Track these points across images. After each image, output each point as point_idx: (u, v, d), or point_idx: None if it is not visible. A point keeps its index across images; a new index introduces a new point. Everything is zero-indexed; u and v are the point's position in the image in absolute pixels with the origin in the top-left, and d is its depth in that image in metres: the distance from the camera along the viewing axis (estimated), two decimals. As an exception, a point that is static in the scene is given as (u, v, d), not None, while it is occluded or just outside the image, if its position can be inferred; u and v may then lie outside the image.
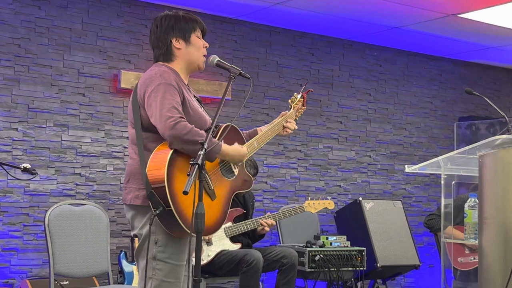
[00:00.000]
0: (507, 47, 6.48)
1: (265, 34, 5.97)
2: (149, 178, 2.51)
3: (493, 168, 3.08)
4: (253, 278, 4.26)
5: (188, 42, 2.73)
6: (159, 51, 2.73)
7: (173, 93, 2.57)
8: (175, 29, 2.71)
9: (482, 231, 3.08)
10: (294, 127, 3.04)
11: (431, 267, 6.51)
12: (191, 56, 2.74)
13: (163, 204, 2.47)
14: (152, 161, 2.54)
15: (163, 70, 2.65)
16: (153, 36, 2.75)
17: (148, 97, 2.58)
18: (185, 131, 2.49)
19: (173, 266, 2.58)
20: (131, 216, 2.67)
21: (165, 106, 2.52)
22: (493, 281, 3.01)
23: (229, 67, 2.76)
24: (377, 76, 6.61)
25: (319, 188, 6.18)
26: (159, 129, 2.54)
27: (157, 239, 2.57)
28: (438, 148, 6.82)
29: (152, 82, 2.60)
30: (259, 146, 2.90)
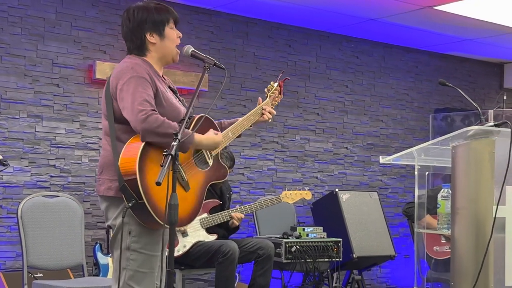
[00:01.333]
0: (482, 40, 6.55)
1: (242, 25, 5.95)
2: (121, 171, 2.51)
3: (465, 159, 3.11)
4: (228, 268, 4.27)
5: (162, 36, 2.71)
6: (133, 44, 2.71)
7: (144, 86, 2.56)
8: (148, 22, 2.68)
9: (455, 221, 3.12)
10: (273, 112, 3.03)
11: (407, 257, 6.57)
12: (165, 49, 2.72)
13: (136, 197, 2.47)
14: (124, 154, 2.54)
15: (135, 63, 2.63)
16: (126, 29, 2.72)
17: (120, 90, 2.57)
18: (157, 123, 2.49)
19: (147, 256, 2.59)
20: (105, 207, 2.67)
21: (137, 99, 2.52)
22: (465, 271, 3.05)
23: (203, 57, 2.75)
24: (354, 68, 6.64)
25: (296, 179, 6.20)
26: (131, 122, 2.53)
27: (130, 230, 2.57)
28: (414, 140, 6.88)
29: (124, 75, 2.59)
30: (233, 136, 2.90)
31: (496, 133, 3.09)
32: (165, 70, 2.70)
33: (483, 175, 3.06)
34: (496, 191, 3.01)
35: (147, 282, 2.59)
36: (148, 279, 2.60)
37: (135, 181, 2.46)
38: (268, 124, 6.07)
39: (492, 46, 6.81)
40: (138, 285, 2.57)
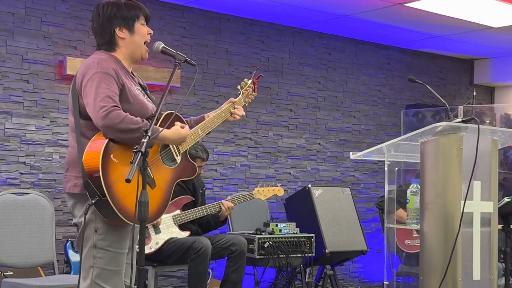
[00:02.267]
0: (453, 36, 6.63)
1: (215, 21, 5.94)
2: (85, 168, 2.50)
3: (434, 155, 3.15)
4: (201, 265, 4.27)
5: (132, 31, 2.70)
6: (102, 40, 2.70)
7: (108, 82, 2.54)
8: (118, 17, 2.67)
9: (424, 216, 3.16)
10: (242, 114, 3.03)
11: (379, 252, 6.64)
12: (135, 45, 2.71)
13: (99, 194, 2.45)
14: (88, 151, 2.53)
15: (101, 58, 2.62)
16: (95, 24, 2.71)
17: (85, 86, 2.56)
18: (118, 119, 2.47)
19: (114, 254, 2.57)
20: (71, 205, 2.65)
21: (99, 96, 2.50)
22: (434, 265, 3.10)
23: (174, 53, 2.74)
24: (327, 64, 6.67)
25: (269, 175, 6.22)
26: (93, 119, 2.52)
27: (97, 227, 2.55)
28: (386, 136, 6.94)
29: (89, 71, 2.57)
30: (203, 133, 2.89)
31: (463, 129, 3.14)
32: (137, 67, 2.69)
33: (451, 170, 3.10)
34: (463, 186, 3.06)
35: (115, 280, 2.58)
36: (116, 277, 2.59)
37: (98, 178, 2.45)
38: (241, 120, 6.09)
39: (462, 43, 6.90)
40: (106, 283, 2.56)
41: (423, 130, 3.13)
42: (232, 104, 3.01)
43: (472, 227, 3.13)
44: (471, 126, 3.12)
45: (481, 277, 3.14)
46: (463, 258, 3.08)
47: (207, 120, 2.93)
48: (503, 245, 3.95)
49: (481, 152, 3.07)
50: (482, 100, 7.90)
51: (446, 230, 3.07)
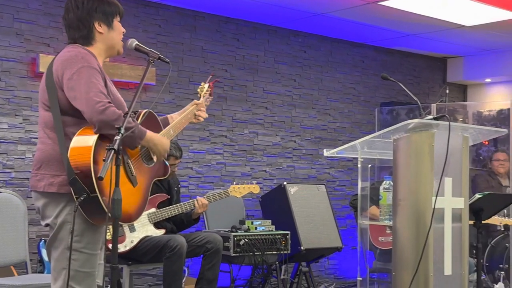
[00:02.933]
0: (426, 35, 6.71)
1: (190, 19, 5.93)
2: (72, 164, 2.44)
3: (406, 152, 3.19)
4: (176, 263, 4.27)
5: (110, 26, 2.68)
6: (79, 33, 2.65)
7: (97, 77, 2.52)
8: (99, 12, 2.64)
9: (396, 212, 3.19)
10: (205, 116, 3.07)
11: (354, 249, 6.69)
12: (112, 41, 2.69)
13: (88, 190, 2.42)
14: (75, 146, 2.47)
15: (84, 52, 2.57)
16: (72, 15, 2.64)
17: (69, 79, 2.49)
18: (115, 116, 2.45)
19: (88, 255, 2.54)
20: (42, 204, 2.58)
21: (92, 90, 2.46)
22: (406, 260, 3.13)
23: (148, 51, 2.73)
24: (302, 62, 6.70)
25: (245, 173, 6.23)
26: (86, 113, 2.46)
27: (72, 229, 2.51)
28: (361, 133, 6.99)
29: (73, 64, 2.51)
30: (174, 133, 2.91)
31: (435, 126, 3.18)
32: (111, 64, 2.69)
33: (423, 167, 3.14)
34: (435, 183, 3.10)
35: (88, 282, 2.55)
36: (89, 279, 2.56)
37: (88, 174, 2.40)
38: (216, 118, 6.11)
39: (435, 41, 6.98)
40: (79, 285, 2.53)
41: (395, 127, 3.17)
42: (196, 106, 3.03)
43: (444, 223, 3.17)
44: (442, 123, 3.16)
45: (452, 272, 3.19)
46: (435, 254, 3.12)
47: (177, 121, 2.95)
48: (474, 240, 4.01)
49: (452, 149, 3.12)
50: (455, 98, 8.00)
51: (418, 226, 3.10)
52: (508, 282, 5.43)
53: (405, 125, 3.14)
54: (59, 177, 2.51)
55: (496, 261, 5.63)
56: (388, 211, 3.32)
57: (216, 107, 5.96)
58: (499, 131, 3.68)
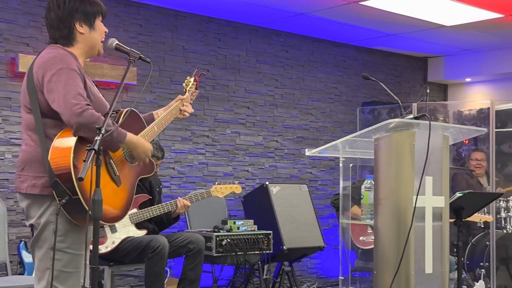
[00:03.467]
0: (407, 34, 6.75)
1: (171, 18, 5.91)
2: (53, 166, 2.43)
3: (387, 151, 3.20)
4: (158, 264, 4.25)
5: (92, 27, 2.66)
6: (60, 33, 2.62)
7: (76, 78, 2.50)
8: (80, 12, 2.62)
9: (377, 211, 3.20)
10: (191, 110, 3.06)
11: (336, 248, 6.71)
12: (93, 41, 2.67)
13: (69, 193, 2.41)
14: (55, 148, 2.46)
15: (63, 53, 2.56)
16: (53, 15, 2.62)
17: (49, 81, 2.48)
18: (93, 119, 2.44)
19: (72, 255, 2.53)
20: (26, 206, 2.57)
21: (70, 92, 2.45)
22: (388, 259, 3.15)
23: (128, 50, 2.71)
24: (284, 62, 6.71)
25: (227, 173, 6.23)
26: (63, 115, 2.46)
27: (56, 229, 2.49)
28: (342, 133, 7.01)
29: (52, 66, 2.50)
30: (159, 130, 2.89)
31: (416, 125, 3.19)
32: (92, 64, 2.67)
33: (403, 166, 3.16)
34: (416, 182, 3.11)
35: (71, 282, 2.53)
36: (73, 279, 2.54)
37: (69, 176, 2.39)
38: (198, 118, 6.10)
39: (416, 41, 7.02)
40: (63, 284, 2.51)
41: (376, 127, 3.18)
42: (181, 101, 3.02)
43: (424, 222, 3.19)
44: (423, 122, 3.18)
45: (433, 270, 3.20)
46: (416, 252, 3.14)
47: (161, 118, 2.93)
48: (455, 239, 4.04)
49: (432, 148, 3.13)
50: (436, 98, 8.06)
51: (399, 224, 3.12)
52: (488, 280, 5.49)
53: (386, 124, 3.15)
54: (42, 178, 2.50)
55: (477, 259, 5.68)
56: (370, 210, 3.33)
57: (198, 107, 5.95)
58: (479, 130, 3.71)
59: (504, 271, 5.52)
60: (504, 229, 5.68)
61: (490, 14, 5.92)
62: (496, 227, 5.57)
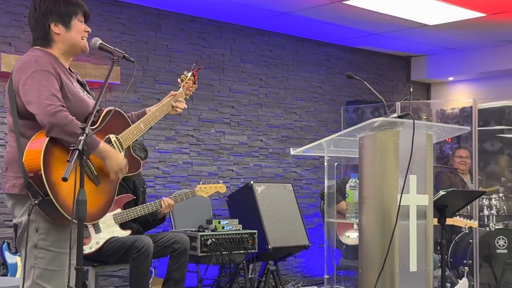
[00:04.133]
0: (390, 34, 6.78)
1: (154, 18, 5.89)
2: (26, 168, 2.46)
3: (371, 150, 3.21)
4: (143, 264, 4.23)
5: (68, 27, 2.65)
6: (37, 34, 2.66)
7: (50, 79, 2.52)
8: (54, 13, 2.63)
9: (362, 210, 3.21)
10: (184, 106, 3.03)
11: (321, 247, 6.73)
12: (71, 41, 2.67)
13: (42, 194, 2.42)
14: (28, 150, 2.48)
15: (38, 55, 2.58)
16: (32, 19, 2.67)
17: (24, 84, 2.52)
18: (66, 121, 2.46)
19: (56, 254, 2.54)
20: (11, 205, 2.61)
21: (43, 93, 2.48)
22: (372, 257, 3.16)
23: (112, 50, 2.71)
24: (268, 61, 6.71)
25: (212, 172, 6.22)
26: (37, 116, 2.48)
27: (38, 227, 2.52)
28: (327, 132, 7.03)
29: (27, 69, 2.53)
30: (146, 127, 2.87)
31: (400, 124, 3.21)
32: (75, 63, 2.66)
33: (388, 164, 3.17)
34: (400, 180, 3.13)
35: (56, 281, 2.54)
36: (58, 277, 2.55)
37: (40, 177, 2.41)
38: (182, 117, 6.08)
39: (399, 40, 7.06)
40: (48, 283, 2.52)
41: (361, 126, 3.19)
42: (173, 97, 3.01)
43: (409, 220, 3.21)
44: (407, 121, 3.20)
45: (418, 269, 3.22)
46: (400, 250, 3.15)
47: (149, 115, 2.91)
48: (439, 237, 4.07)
49: (416, 147, 3.15)
50: (419, 96, 8.11)
51: (384, 223, 3.13)
52: (472, 277, 5.53)
53: (371, 123, 3.16)
54: (21, 178, 2.52)
55: (460, 257, 5.72)
56: (355, 209, 3.34)
57: (182, 106, 5.92)
58: (462, 129, 3.74)
59: (487, 268, 5.57)
60: (487, 227, 5.73)
61: (472, 13, 5.96)
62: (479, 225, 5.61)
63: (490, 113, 6.77)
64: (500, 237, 5.60)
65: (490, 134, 6.65)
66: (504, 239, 5.59)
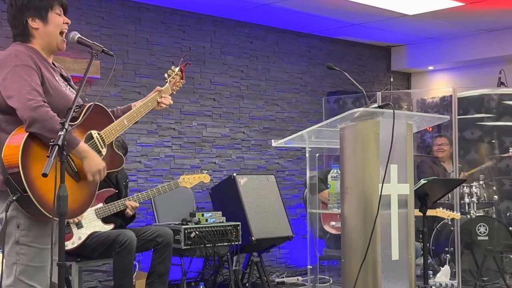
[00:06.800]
0: (370, 24, 6.80)
1: (134, 11, 5.85)
2: (5, 163, 2.43)
3: (352, 140, 3.23)
4: (126, 258, 4.22)
5: (45, 21, 2.63)
6: (16, 30, 2.64)
7: (31, 74, 2.50)
8: (30, 8, 2.61)
9: (344, 200, 3.23)
10: (170, 102, 3.00)
11: (305, 237, 6.76)
12: (49, 35, 2.64)
13: (20, 190, 2.40)
14: (7, 146, 2.46)
15: (18, 50, 2.56)
16: (9, 15, 2.66)
17: (4, 79, 2.49)
18: (47, 116, 2.44)
19: (38, 250, 2.52)
20: None
21: (25, 88, 2.46)
22: (355, 247, 3.18)
23: (91, 44, 2.68)
24: (249, 53, 6.70)
25: (194, 165, 6.21)
26: (18, 110, 2.46)
27: (19, 223, 2.50)
28: (309, 123, 7.05)
29: (7, 63, 2.51)
30: (129, 123, 2.84)
31: (380, 114, 3.23)
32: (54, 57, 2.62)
33: (369, 154, 3.19)
34: (381, 170, 3.15)
35: (39, 277, 2.52)
36: (41, 274, 2.52)
37: (18, 173, 2.39)
38: (164, 111, 6.05)
39: (379, 31, 7.08)
40: (30, 280, 2.50)
41: (341, 116, 3.20)
42: (159, 93, 2.98)
43: (390, 209, 3.23)
44: (387, 111, 3.21)
45: (400, 257, 3.25)
46: (382, 240, 3.18)
47: (133, 110, 2.89)
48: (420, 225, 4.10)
49: (397, 136, 3.17)
50: (399, 86, 8.16)
51: (366, 212, 3.15)
52: (453, 264, 5.59)
53: (351, 114, 3.17)
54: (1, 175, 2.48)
55: (442, 245, 5.78)
56: (337, 199, 3.36)
57: (163, 99, 5.90)
58: (442, 118, 3.77)
59: (468, 255, 5.62)
60: (468, 214, 5.78)
61: (451, 2, 6.00)
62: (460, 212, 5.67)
63: (470, 101, 6.83)
64: (481, 224, 5.66)
65: (470, 122, 6.71)
66: (485, 226, 5.65)
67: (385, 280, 3.17)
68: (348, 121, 3.23)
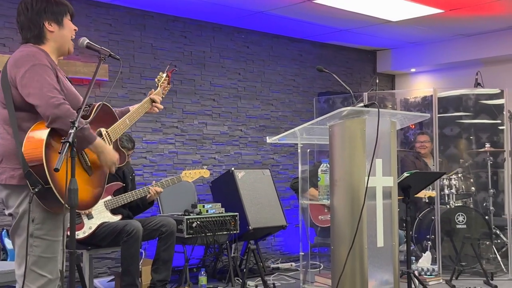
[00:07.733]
0: (357, 30, 6.80)
1: (139, 18, 5.83)
2: (26, 158, 2.39)
3: (341, 137, 3.23)
4: (133, 246, 4.22)
5: (61, 25, 2.62)
6: (31, 33, 2.60)
7: (49, 73, 2.48)
8: (48, 12, 2.59)
9: (333, 192, 3.24)
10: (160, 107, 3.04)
11: (297, 226, 6.76)
12: (63, 39, 2.63)
13: (42, 182, 2.37)
14: (28, 141, 2.42)
15: (34, 51, 2.53)
16: (23, 18, 2.60)
17: (22, 77, 2.45)
18: (69, 113, 2.41)
19: (50, 242, 2.50)
20: (5, 196, 2.54)
21: (45, 86, 2.42)
22: (343, 235, 3.19)
23: (99, 48, 2.68)
24: (245, 57, 6.69)
25: (196, 160, 6.20)
26: (40, 107, 2.42)
27: (34, 217, 2.47)
28: (301, 121, 7.04)
29: (25, 63, 2.46)
30: (130, 123, 2.87)
31: (366, 112, 3.23)
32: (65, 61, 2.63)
33: (356, 150, 3.19)
34: (367, 164, 3.15)
35: (50, 267, 2.51)
36: (52, 264, 2.51)
37: (41, 167, 2.36)
38: (168, 110, 6.05)
39: (365, 36, 7.08)
40: (42, 270, 2.49)
41: (331, 115, 3.20)
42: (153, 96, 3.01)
43: (376, 200, 3.24)
44: (372, 110, 3.22)
45: (384, 244, 3.26)
46: (368, 228, 3.19)
47: (133, 111, 2.91)
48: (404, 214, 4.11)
49: (381, 133, 3.18)
50: (384, 87, 8.16)
51: (353, 203, 3.16)
52: (434, 250, 5.60)
53: (339, 112, 3.18)
54: (19, 170, 2.46)
55: (424, 233, 5.79)
56: (326, 191, 3.36)
57: (167, 100, 5.90)
58: (423, 116, 3.77)
59: (448, 242, 5.64)
60: (447, 204, 5.80)
61: (432, 10, 6.00)
62: (440, 203, 5.68)
63: (449, 101, 6.84)
64: (459, 214, 5.67)
65: (449, 120, 6.72)
66: (463, 215, 5.67)
67: (371, 265, 3.18)
68: (336, 119, 3.23)
